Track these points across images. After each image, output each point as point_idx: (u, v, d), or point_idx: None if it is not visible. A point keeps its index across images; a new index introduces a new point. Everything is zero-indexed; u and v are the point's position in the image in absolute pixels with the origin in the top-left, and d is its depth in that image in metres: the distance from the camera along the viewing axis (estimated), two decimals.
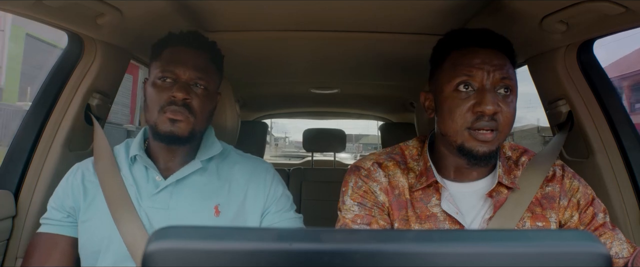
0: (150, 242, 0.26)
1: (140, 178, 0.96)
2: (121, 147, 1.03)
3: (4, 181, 1.12)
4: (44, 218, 0.98)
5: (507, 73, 0.80)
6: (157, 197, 0.93)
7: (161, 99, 0.90)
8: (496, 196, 0.85)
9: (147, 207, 0.92)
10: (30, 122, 1.16)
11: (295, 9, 1.16)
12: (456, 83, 0.81)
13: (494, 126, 0.78)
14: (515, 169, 0.90)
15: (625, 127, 1.15)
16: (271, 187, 1.01)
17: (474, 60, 0.80)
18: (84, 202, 0.95)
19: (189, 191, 0.95)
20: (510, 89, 0.81)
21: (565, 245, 0.27)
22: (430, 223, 0.85)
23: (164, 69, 0.92)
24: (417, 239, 0.28)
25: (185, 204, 0.93)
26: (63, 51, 1.20)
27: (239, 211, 0.96)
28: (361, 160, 0.94)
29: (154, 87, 0.93)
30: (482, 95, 0.78)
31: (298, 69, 1.90)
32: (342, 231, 0.37)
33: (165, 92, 0.91)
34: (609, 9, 0.87)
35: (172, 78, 0.92)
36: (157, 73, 0.93)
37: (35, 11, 0.93)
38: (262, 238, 0.27)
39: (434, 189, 0.87)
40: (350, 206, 0.88)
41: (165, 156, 0.97)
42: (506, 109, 0.79)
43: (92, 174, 0.98)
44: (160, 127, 0.90)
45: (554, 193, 0.87)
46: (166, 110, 0.89)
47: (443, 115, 0.83)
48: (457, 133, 0.80)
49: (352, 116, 3.63)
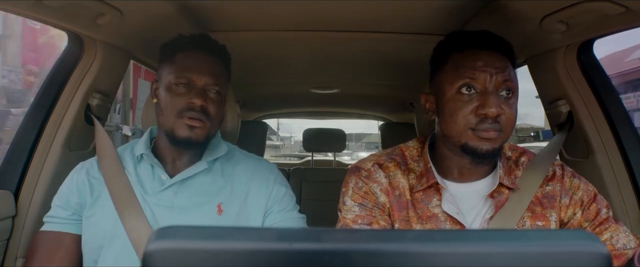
0: (150, 242, 0.26)
1: (146, 176, 0.97)
2: (126, 147, 1.04)
3: (4, 181, 1.12)
4: (49, 216, 0.98)
5: (508, 75, 0.81)
6: (162, 195, 0.94)
7: (178, 104, 0.91)
8: (497, 196, 0.86)
9: (152, 204, 0.93)
10: (30, 122, 1.16)
11: (296, 9, 1.16)
12: (459, 85, 0.81)
13: (497, 128, 0.79)
14: (516, 169, 0.90)
15: (625, 127, 1.15)
16: (274, 187, 1.02)
17: (476, 62, 0.80)
18: (90, 197, 0.95)
19: (193, 190, 0.96)
20: (511, 91, 0.81)
21: (565, 245, 0.27)
22: (432, 224, 0.85)
23: (179, 75, 0.93)
24: (417, 239, 0.28)
25: (189, 202, 0.94)
26: (63, 51, 1.20)
27: (241, 210, 0.97)
28: (361, 161, 0.94)
29: (169, 92, 0.93)
30: (485, 98, 0.78)
31: (298, 69, 1.90)
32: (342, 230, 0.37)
33: (182, 97, 0.92)
34: (609, 9, 0.87)
35: (188, 83, 0.93)
36: (172, 78, 0.93)
37: (35, 11, 0.93)
38: (263, 238, 0.27)
39: (434, 189, 0.87)
40: (350, 206, 0.88)
41: (173, 156, 0.99)
42: (508, 111, 0.80)
43: (96, 171, 0.99)
44: (178, 132, 0.92)
45: (555, 192, 0.87)
46: (184, 115, 0.91)
47: (445, 117, 0.83)
48: (461, 134, 0.81)
49: (352, 116, 3.64)
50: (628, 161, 1.12)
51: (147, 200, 0.93)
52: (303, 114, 3.67)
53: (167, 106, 0.93)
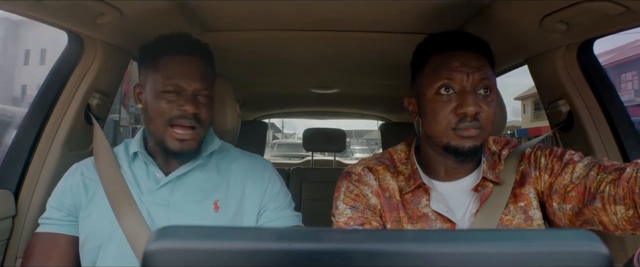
0: (150, 242, 0.26)
1: (141, 174, 0.97)
2: (120, 147, 1.04)
3: (4, 181, 1.12)
4: (43, 218, 0.97)
5: (485, 74, 0.83)
6: (158, 193, 0.94)
7: (168, 112, 0.90)
8: (482, 190, 0.88)
9: (148, 202, 0.93)
10: (30, 122, 1.16)
11: (295, 8, 1.16)
12: (437, 86, 0.83)
13: (476, 126, 0.81)
14: (499, 163, 0.92)
15: (625, 127, 1.15)
16: (269, 184, 1.02)
17: (453, 63, 0.83)
18: (85, 198, 0.95)
19: (189, 187, 0.96)
20: (489, 89, 0.83)
21: (565, 245, 0.27)
22: (422, 223, 0.88)
23: (166, 82, 0.90)
24: (417, 239, 0.28)
25: (185, 200, 0.94)
26: (63, 51, 1.20)
27: (237, 207, 0.97)
28: (352, 166, 0.98)
29: (157, 98, 0.90)
30: (464, 98, 0.81)
31: (298, 68, 1.90)
32: (342, 230, 0.37)
33: (172, 104, 0.90)
34: (609, 8, 0.87)
35: (177, 90, 0.91)
36: (159, 85, 0.90)
37: (35, 11, 0.93)
38: (262, 238, 0.27)
39: (423, 190, 0.89)
40: (342, 209, 0.90)
41: (164, 153, 0.98)
42: (487, 109, 0.82)
43: (92, 172, 0.98)
44: (169, 144, 0.91)
45: (526, 169, 0.90)
46: (174, 124, 0.90)
47: (427, 118, 0.86)
48: (443, 134, 0.83)
49: (352, 116, 3.64)
50: (628, 160, 1.12)
51: (142, 199, 0.93)
52: (303, 113, 3.67)
53: (156, 114, 0.90)
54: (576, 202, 0.80)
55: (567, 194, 0.82)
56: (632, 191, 0.71)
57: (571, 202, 0.81)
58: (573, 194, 0.80)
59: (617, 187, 0.73)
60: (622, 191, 0.72)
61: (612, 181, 0.75)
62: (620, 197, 0.73)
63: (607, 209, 0.74)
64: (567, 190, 0.82)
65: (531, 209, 0.87)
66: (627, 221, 0.73)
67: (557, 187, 0.84)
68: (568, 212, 0.81)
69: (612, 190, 0.74)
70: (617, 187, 0.73)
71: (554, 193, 0.84)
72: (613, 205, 0.74)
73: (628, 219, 0.73)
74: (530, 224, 0.86)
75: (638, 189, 0.70)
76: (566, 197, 0.82)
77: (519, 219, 0.86)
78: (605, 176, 0.77)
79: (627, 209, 0.72)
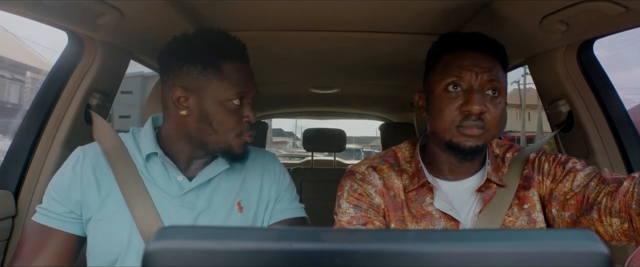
0: (150, 242, 0.26)
1: (160, 177, 0.91)
2: (128, 137, 0.96)
3: (4, 181, 1.12)
4: (42, 208, 0.89)
5: (495, 75, 0.83)
6: (185, 198, 0.90)
7: (237, 122, 0.90)
8: (485, 190, 0.88)
9: (173, 207, 0.89)
10: (30, 122, 1.16)
11: (295, 9, 1.16)
12: (446, 84, 0.84)
13: (480, 125, 0.81)
14: (503, 166, 0.92)
15: (625, 127, 1.15)
16: (280, 177, 1.04)
17: (463, 62, 0.83)
18: (98, 197, 0.87)
19: (213, 190, 0.93)
20: (498, 91, 0.83)
21: (565, 245, 0.27)
22: (426, 221, 0.88)
23: (235, 91, 0.88)
24: (417, 239, 0.28)
25: (211, 203, 0.91)
26: (63, 51, 1.20)
27: (257, 205, 0.97)
28: (355, 165, 0.97)
29: (226, 109, 0.88)
30: (470, 96, 0.81)
31: (298, 68, 1.90)
32: (342, 230, 0.37)
33: (237, 114, 0.90)
34: (609, 8, 0.88)
35: (242, 98, 0.90)
36: (229, 94, 0.88)
37: (35, 11, 0.93)
38: (262, 238, 0.27)
39: (427, 188, 0.90)
40: (345, 208, 0.90)
41: (188, 155, 0.93)
42: (493, 110, 0.82)
43: (104, 165, 0.90)
44: (236, 149, 0.91)
45: (530, 173, 0.90)
46: (243, 134, 0.91)
47: (433, 114, 0.87)
48: (446, 130, 0.84)
49: (352, 116, 3.64)
50: (628, 160, 1.12)
51: (166, 205, 0.88)
52: (303, 113, 3.67)
53: (225, 125, 0.89)
54: (574, 211, 0.81)
55: (567, 201, 0.82)
56: (628, 205, 0.71)
57: (570, 210, 0.81)
58: (572, 202, 0.81)
59: (614, 200, 0.74)
60: (619, 204, 0.73)
61: (610, 193, 0.75)
62: (616, 210, 0.73)
63: (603, 220, 0.75)
64: (566, 197, 0.83)
65: (534, 212, 0.87)
66: (622, 233, 0.74)
67: (557, 193, 0.85)
68: (566, 219, 0.82)
69: (609, 202, 0.75)
70: (614, 200, 0.74)
71: (554, 199, 0.85)
72: (609, 217, 0.74)
73: (623, 232, 0.73)
74: (533, 227, 0.87)
75: (634, 203, 0.70)
76: (565, 205, 0.82)
77: (522, 221, 0.87)
78: (604, 188, 0.77)
79: (623, 222, 0.73)
